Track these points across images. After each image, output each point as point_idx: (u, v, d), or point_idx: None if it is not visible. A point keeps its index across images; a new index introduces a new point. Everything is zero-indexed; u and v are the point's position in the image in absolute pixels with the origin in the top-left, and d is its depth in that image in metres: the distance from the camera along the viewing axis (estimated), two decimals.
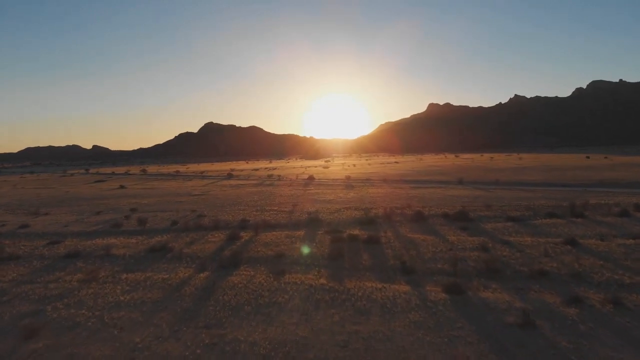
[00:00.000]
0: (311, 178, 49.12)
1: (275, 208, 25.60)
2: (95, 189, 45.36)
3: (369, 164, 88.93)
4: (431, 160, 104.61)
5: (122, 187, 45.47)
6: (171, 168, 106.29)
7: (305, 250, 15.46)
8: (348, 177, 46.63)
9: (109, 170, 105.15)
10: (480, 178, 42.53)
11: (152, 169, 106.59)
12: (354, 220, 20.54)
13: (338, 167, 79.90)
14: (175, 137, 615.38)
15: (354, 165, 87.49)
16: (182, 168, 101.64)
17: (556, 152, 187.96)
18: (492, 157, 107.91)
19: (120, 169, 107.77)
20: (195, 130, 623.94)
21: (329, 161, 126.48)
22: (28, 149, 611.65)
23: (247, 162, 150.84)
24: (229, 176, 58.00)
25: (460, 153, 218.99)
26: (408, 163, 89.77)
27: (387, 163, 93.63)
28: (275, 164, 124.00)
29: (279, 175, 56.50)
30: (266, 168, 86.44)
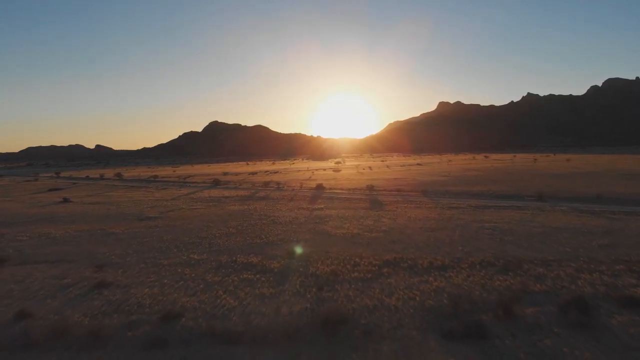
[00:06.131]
0: (320, 187, 37.19)
1: (256, 260, 13.66)
2: (27, 203, 33.93)
3: (388, 167, 76.22)
4: (460, 162, 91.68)
5: (65, 200, 33.94)
6: (160, 171, 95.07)
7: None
8: (370, 187, 34.55)
9: (86, 173, 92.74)
10: (555, 190, 30.35)
11: (136, 171, 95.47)
12: (423, 316, 8.84)
13: (352, 171, 67.63)
14: (179, 136, 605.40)
15: (370, 168, 75.04)
16: (170, 171, 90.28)
17: (588, 151, 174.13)
18: (535, 159, 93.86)
19: (103, 172, 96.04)
20: (199, 129, 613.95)
21: (339, 163, 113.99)
22: (29, 149, 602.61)
23: (247, 164, 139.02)
24: (215, 184, 46.04)
25: (477, 153, 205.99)
26: (434, 165, 76.98)
27: (409, 165, 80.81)
28: (278, 165, 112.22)
29: (277, 183, 44.51)
30: (266, 171, 74.53)
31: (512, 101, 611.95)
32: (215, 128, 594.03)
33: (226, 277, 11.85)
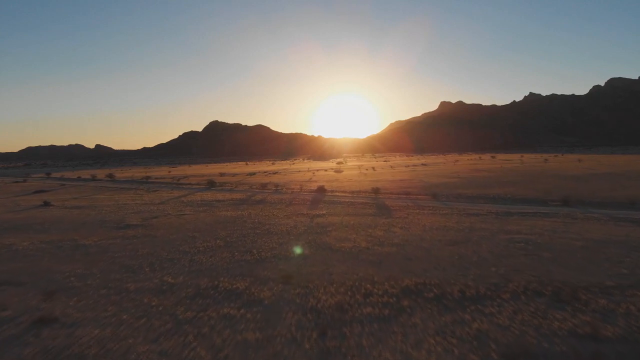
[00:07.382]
0: (321, 190, 34.65)
1: (243, 285, 11.11)
2: (5, 207, 31.50)
3: (392, 168, 73.55)
4: (467, 163, 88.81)
5: (45, 203, 31.46)
6: (156, 171, 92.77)
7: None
8: (375, 190, 31.97)
9: (80, 174, 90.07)
10: (580, 193, 27.79)
11: (131, 172, 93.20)
12: None
13: (354, 172, 65.08)
14: (180, 136, 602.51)
15: (373, 168, 72.43)
16: (166, 172, 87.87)
17: (594, 151, 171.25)
18: (546, 159, 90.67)
19: (96, 172, 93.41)
20: (200, 129, 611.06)
21: (341, 163, 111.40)
22: (29, 149, 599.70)
23: (246, 164, 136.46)
24: (210, 185, 43.47)
25: (480, 153, 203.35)
26: (440, 166, 74.23)
27: (413, 166, 78.12)
28: (278, 166, 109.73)
29: (276, 185, 41.97)
30: (265, 172, 72.04)
31: (514, 101, 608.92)
32: (215, 128, 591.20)
33: (202, 313, 9.26)
